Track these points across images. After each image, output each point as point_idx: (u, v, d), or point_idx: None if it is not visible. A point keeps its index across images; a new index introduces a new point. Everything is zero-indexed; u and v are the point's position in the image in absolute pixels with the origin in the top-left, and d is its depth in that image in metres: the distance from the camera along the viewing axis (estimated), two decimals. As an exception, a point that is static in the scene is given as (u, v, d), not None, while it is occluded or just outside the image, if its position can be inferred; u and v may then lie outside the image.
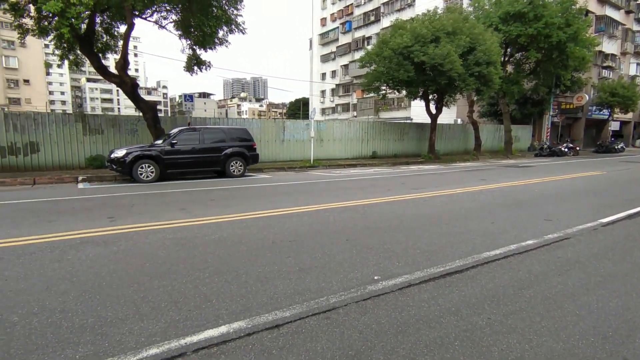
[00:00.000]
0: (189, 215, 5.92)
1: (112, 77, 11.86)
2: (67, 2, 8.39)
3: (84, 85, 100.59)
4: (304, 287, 3.15)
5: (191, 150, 11.38)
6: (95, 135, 13.69)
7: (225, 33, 12.30)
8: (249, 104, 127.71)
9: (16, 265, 3.59)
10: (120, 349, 2.22)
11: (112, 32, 12.98)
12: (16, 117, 12.59)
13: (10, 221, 5.48)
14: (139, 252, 4.03)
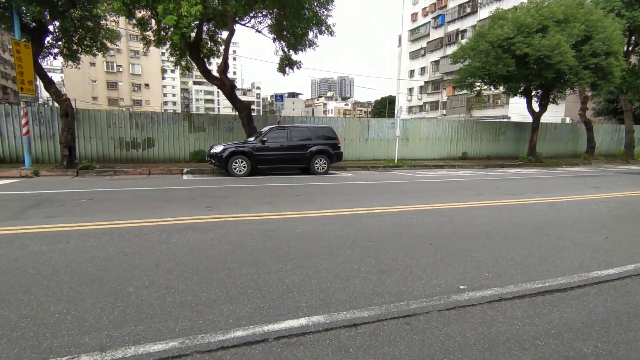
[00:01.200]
0: (275, 209, 6.24)
1: (214, 79, 13.07)
2: (180, 15, 9.47)
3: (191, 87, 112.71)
4: (383, 289, 3.10)
5: (279, 147, 11.98)
6: (198, 132, 15.26)
7: (314, 35, 12.68)
8: (335, 103, 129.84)
9: (134, 243, 4.18)
10: (212, 327, 2.44)
11: (216, 38, 14.31)
12: (138, 116, 14.66)
13: (130, 206, 6.41)
14: (231, 240, 4.38)
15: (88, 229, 4.71)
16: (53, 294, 2.86)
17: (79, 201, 6.62)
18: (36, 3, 10.29)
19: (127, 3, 9.81)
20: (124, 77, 65.23)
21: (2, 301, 2.72)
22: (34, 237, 4.29)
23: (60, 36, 12.62)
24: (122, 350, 2.15)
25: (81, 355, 2.09)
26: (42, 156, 13.16)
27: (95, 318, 2.52)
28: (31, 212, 5.63)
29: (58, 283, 3.06)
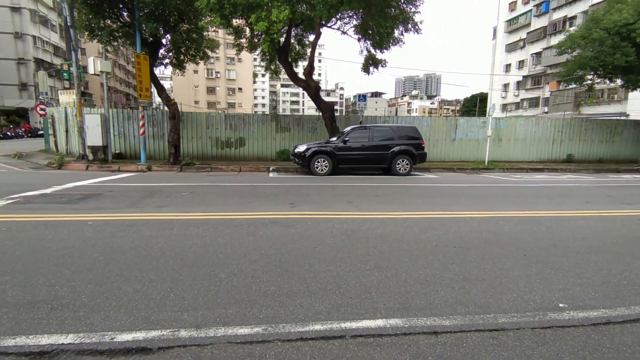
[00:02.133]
0: (355, 209, 6.28)
1: (300, 82, 13.60)
2: (270, 21, 10.05)
3: (279, 90, 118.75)
4: (468, 299, 2.92)
5: (361, 147, 11.99)
6: (284, 133, 16.03)
7: (400, 33, 12.40)
8: (420, 102, 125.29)
9: (225, 234, 4.57)
10: (292, 318, 2.55)
11: (303, 42, 14.87)
12: (232, 118, 15.94)
13: (223, 199, 7.01)
14: (312, 237, 4.52)
15: (189, 218, 5.28)
16: (160, 273, 3.28)
17: (182, 194, 7.45)
18: (153, 20, 11.83)
19: (225, 15, 10.73)
20: (221, 82, 71.44)
21: (122, 276, 3.20)
22: (147, 224, 4.95)
23: (170, 48, 14.32)
24: (214, 329, 2.38)
25: (181, 330, 2.36)
26: (153, 153, 15.09)
27: (193, 298, 2.82)
28: (145, 202, 6.51)
29: (164, 264, 3.50)
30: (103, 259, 3.60)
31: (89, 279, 3.12)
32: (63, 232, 4.45)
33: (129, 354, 2.11)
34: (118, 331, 2.33)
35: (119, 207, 5.99)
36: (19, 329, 2.33)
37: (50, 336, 2.25)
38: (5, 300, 2.70)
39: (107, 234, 4.43)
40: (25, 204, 6.08)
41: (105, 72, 12.55)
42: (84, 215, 5.32)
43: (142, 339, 2.25)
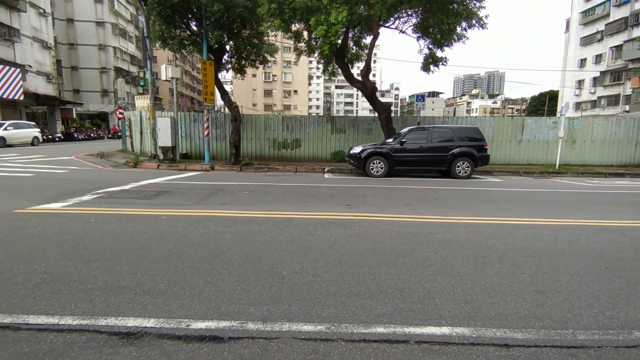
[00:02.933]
0: (413, 212, 6.13)
1: (356, 83, 13.58)
2: (329, 24, 10.17)
3: (333, 91, 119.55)
4: (542, 312, 2.73)
5: (418, 148, 11.68)
6: (339, 134, 16.11)
7: (463, 29, 11.89)
8: (480, 101, 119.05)
9: (285, 232, 4.71)
10: (354, 319, 2.57)
11: (361, 43, 14.85)
12: (288, 119, 16.36)
13: (282, 199, 7.22)
14: (370, 239, 4.50)
15: (251, 216, 5.52)
16: (227, 267, 3.47)
17: (243, 192, 7.80)
18: (219, 28, 12.53)
19: (285, 19, 11.06)
20: (277, 85, 73.65)
21: (194, 268, 3.43)
22: (213, 220, 5.25)
23: (233, 54, 15.07)
24: (279, 324, 2.47)
25: (248, 322, 2.48)
26: (216, 154, 15.96)
27: (258, 293, 2.95)
28: (211, 199, 6.91)
29: (230, 259, 3.69)
30: (176, 251, 3.88)
31: (165, 269, 3.39)
32: (141, 225, 4.87)
33: (202, 341, 2.26)
34: (193, 319, 2.50)
35: (187, 204, 6.42)
36: (109, 311, 2.59)
37: (135, 319, 2.48)
38: (97, 285, 3.02)
39: (179, 228, 4.77)
40: (108, 198, 6.75)
41: (175, 78, 13.53)
42: (158, 210, 5.78)
43: (214, 328, 2.39)
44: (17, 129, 22.19)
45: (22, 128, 22.81)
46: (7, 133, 21.32)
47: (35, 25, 31.92)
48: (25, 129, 23.03)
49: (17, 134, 22.07)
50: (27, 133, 22.90)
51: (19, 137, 22.19)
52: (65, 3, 42.78)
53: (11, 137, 21.56)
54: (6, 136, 21.20)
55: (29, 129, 23.32)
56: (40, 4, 32.83)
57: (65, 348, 2.15)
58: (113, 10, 45.33)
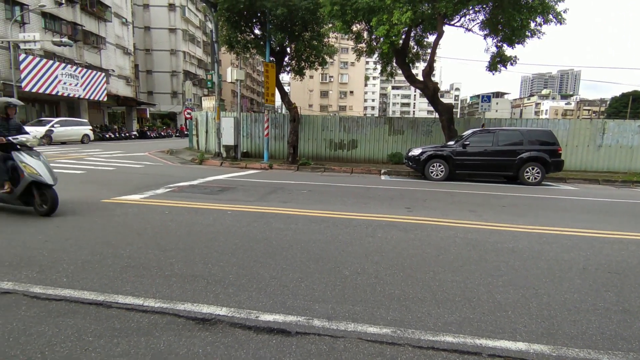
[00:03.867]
0: (479, 218, 5.83)
1: (418, 83, 13.24)
2: (390, 24, 10.02)
3: (389, 92, 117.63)
4: (630, 334, 2.46)
5: (482, 152, 11.08)
6: (397, 135, 15.81)
7: (537, 25, 11.05)
8: (551, 102, 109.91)
9: (345, 233, 4.72)
10: (420, 325, 2.50)
11: (423, 42, 14.44)
12: (346, 120, 16.39)
13: (340, 199, 7.25)
14: (433, 244, 4.36)
15: (311, 215, 5.61)
16: (290, 263, 3.55)
17: (302, 191, 7.95)
18: (281, 31, 12.91)
19: (347, 20, 11.10)
20: (333, 86, 74.10)
21: (259, 262, 3.56)
22: (274, 217, 5.42)
23: (293, 56, 15.43)
24: (344, 323, 2.47)
25: (314, 319, 2.52)
26: (274, 153, 16.46)
27: (322, 291, 2.98)
28: (271, 197, 7.14)
29: (293, 256, 3.78)
30: (242, 245, 4.06)
31: (233, 261, 3.56)
32: (209, 219, 5.17)
33: (271, 333, 2.34)
34: (261, 311, 2.60)
35: (250, 200, 6.69)
36: (185, 297, 2.78)
37: (208, 307, 2.64)
38: (174, 272, 3.25)
39: (244, 223, 4.99)
40: (179, 192, 7.25)
41: (239, 80, 14.18)
42: (224, 205, 6.09)
43: (281, 322, 2.46)
44: (64, 127, 21.71)
45: (71, 126, 22.44)
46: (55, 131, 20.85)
47: (118, 34, 35.27)
48: (75, 127, 22.70)
49: (65, 131, 21.70)
50: (76, 131, 22.63)
51: (67, 134, 21.87)
52: (144, 12, 46.75)
53: (57, 135, 21.09)
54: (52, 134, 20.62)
55: (79, 127, 23.02)
56: (123, 14, 36.22)
57: (149, 328, 2.35)
58: (184, 17, 48.64)
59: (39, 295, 2.73)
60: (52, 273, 3.12)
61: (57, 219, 4.93)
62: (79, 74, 26.85)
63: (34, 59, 23.13)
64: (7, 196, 5.07)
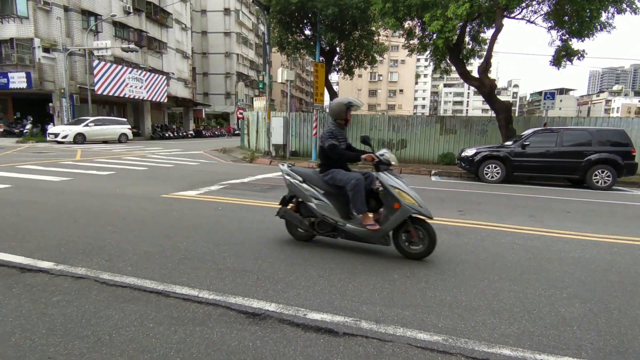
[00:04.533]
0: (539, 224, 5.44)
1: (472, 80, 12.65)
2: (445, 19, 9.66)
3: (441, 90, 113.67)
4: None
5: (544, 153, 10.33)
6: (448, 135, 15.22)
7: (610, 15, 10.08)
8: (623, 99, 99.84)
9: (394, 234, 4.62)
10: (474, 335, 2.38)
11: (478, 38, 13.77)
12: (395, 119, 16.08)
13: (388, 200, 7.12)
14: (487, 250, 4.13)
15: (358, 215, 5.57)
16: (338, 263, 3.55)
17: (349, 191, 7.92)
18: (331, 30, 12.97)
19: (399, 17, 10.88)
20: (382, 84, 73.10)
21: (307, 261, 3.60)
22: (322, 216, 5.45)
23: (343, 55, 15.43)
24: (392, 327, 2.42)
25: (362, 321, 2.49)
26: (322, 152, 16.54)
27: (369, 292, 2.95)
28: (318, 196, 7.19)
29: (340, 255, 3.77)
30: (290, 242, 4.13)
31: (282, 258, 3.64)
32: (259, 216, 5.32)
33: (319, 332, 2.35)
34: (309, 309, 2.62)
35: (298, 199, 6.79)
36: (237, 291, 2.88)
37: (258, 302, 2.71)
38: (226, 266, 3.39)
39: (292, 221, 5.07)
40: (231, 189, 7.55)
41: (289, 80, 14.46)
42: (273, 203, 6.22)
43: (329, 322, 2.47)
44: (100, 126, 21.65)
45: (107, 124, 22.39)
46: (88, 129, 20.74)
47: (178, 39, 37.50)
48: (111, 126, 22.65)
49: (101, 130, 21.66)
50: (113, 130, 22.58)
51: (103, 133, 21.85)
52: (201, 17, 49.27)
53: (92, 134, 20.99)
54: (86, 132, 20.58)
55: (116, 126, 23.00)
56: (183, 20, 38.45)
57: (204, 318, 2.46)
58: (238, 20, 50.55)
59: (107, 281, 2.97)
60: (118, 262, 3.39)
61: (123, 212, 5.34)
62: (143, 77, 28.92)
63: (105, 65, 25.28)
64: (369, 234, 3.72)
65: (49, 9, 23.61)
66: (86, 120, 21.06)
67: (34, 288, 2.82)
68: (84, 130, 20.47)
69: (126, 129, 23.45)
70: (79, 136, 20.12)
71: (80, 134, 20.18)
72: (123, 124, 23.63)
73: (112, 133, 22.44)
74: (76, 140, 19.75)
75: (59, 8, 24.11)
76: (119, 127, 23.02)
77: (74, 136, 19.84)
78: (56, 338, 2.19)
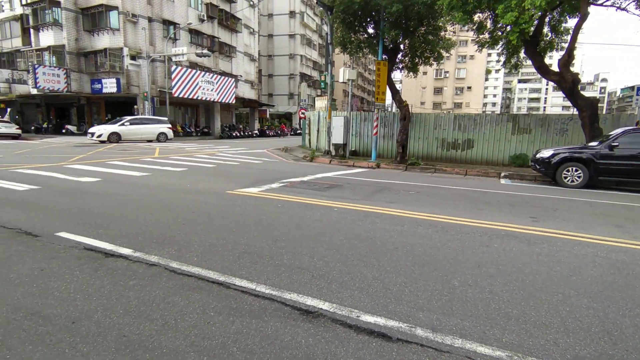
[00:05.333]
0: (628, 236, 4.81)
1: (551, 75, 11.55)
2: (521, 10, 8.92)
3: (515, 86, 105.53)
4: None
5: (636, 155, 9.09)
6: (522, 135, 14.08)
7: None
8: None
9: (455, 239, 4.39)
10: (544, 354, 2.17)
11: (559, 28, 12.51)
12: (461, 118, 15.27)
13: (451, 203, 6.79)
14: (564, 262, 3.75)
15: (417, 217, 5.39)
16: (395, 266, 3.47)
17: (409, 192, 7.70)
18: (395, 28, 12.68)
19: (468, 10, 10.29)
20: (449, 82, 69.88)
21: (362, 262, 3.56)
22: (380, 217, 5.36)
23: (407, 52, 15.01)
24: (450, 338, 2.30)
25: (417, 328, 2.40)
26: (382, 152, 16.29)
27: (427, 299, 2.83)
28: (377, 196, 7.09)
29: (397, 258, 3.68)
30: (346, 242, 4.12)
31: (337, 257, 3.64)
32: (317, 214, 5.39)
33: (372, 335, 2.31)
34: (362, 311, 2.59)
35: (356, 199, 6.75)
36: (292, 287, 2.94)
37: (312, 299, 2.74)
38: (283, 262, 3.48)
39: (349, 221, 5.06)
40: (291, 187, 7.74)
41: (351, 79, 14.43)
42: (331, 202, 6.27)
43: (382, 326, 2.42)
44: (137, 125, 22.20)
45: (145, 124, 22.78)
46: (123, 129, 21.46)
47: (246, 43, 39.38)
48: (149, 125, 22.89)
49: (137, 129, 22.12)
50: (149, 129, 22.79)
51: (140, 132, 22.24)
52: (268, 21, 51.22)
53: (127, 133, 21.62)
54: (120, 132, 21.32)
55: (154, 125, 23.14)
56: (251, 24, 40.30)
57: (259, 312, 2.55)
58: (303, 22, 51.67)
59: (175, 269, 3.21)
60: (186, 252, 3.65)
61: (192, 206, 5.74)
62: (214, 80, 30.83)
63: (182, 69, 27.39)
64: None
65: (136, 20, 26.20)
66: (123, 119, 21.91)
67: (115, 272, 3.14)
68: (118, 129, 21.34)
69: (165, 127, 23.51)
70: (113, 135, 21.01)
71: (114, 133, 21.07)
72: (163, 123, 23.69)
73: (149, 132, 22.76)
74: (110, 139, 20.75)
75: (144, 19, 26.65)
76: (157, 126, 23.23)
77: (108, 135, 20.91)
78: (130, 318, 2.42)
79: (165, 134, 23.33)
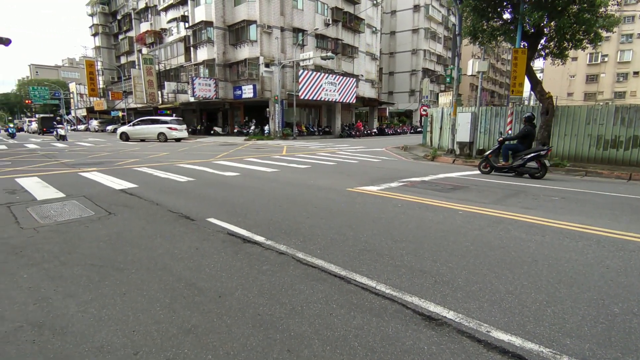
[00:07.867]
0: None
1: None
2: None
3: None
4: None
5: None
6: None
7: None
8: None
9: (616, 257, 3.62)
10: None
11: None
12: (626, 111, 12.51)
13: (609, 213, 5.62)
14: None
15: (563, 227, 4.62)
16: (533, 282, 3.04)
17: (552, 198, 6.66)
18: (538, 9, 11.10)
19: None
20: (607, 67, 58.05)
21: (493, 272, 3.23)
22: (514, 224, 4.78)
23: (552, 36, 12.99)
24: (610, 375, 1.91)
25: (563, 356, 2.06)
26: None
27: (576, 324, 2.40)
28: (510, 201, 6.34)
29: (537, 273, 3.22)
30: (474, 249, 3.79)
31: (462, 265, 3.38)
32: (439, 217, 5.10)
33: (505, 355, 2.07)
34: (493, 327, 2.35)
35: (484, 202, 6.16)
36: (413, 290, 2.85)
37: (435, 306, 2.60)
38: (403, 263, 3.40)
39: (476, 226, 4.65)
40: (411, 187, 7.51)
41: (481, 72, 13.22)
42: (455, 204, 5.87)
43: (519, 347, 2.15)
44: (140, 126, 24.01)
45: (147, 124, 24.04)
46: (130, 129, 23.92)
47: (368, 42, 39.71)
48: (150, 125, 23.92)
49: (140, 129, 23.86)
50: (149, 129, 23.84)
51: (142, 132, 23.85)
52: (391, 18, 50.69)
53: (133, 133, 23.76)
54: (128, 131, 23.74)
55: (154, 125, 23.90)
56: (374, 23, 40.45)
57: (379, 311, 2.54)
58: (428, 15, 49.56)
59: (301, 259, 3.44)
60: (310, 244, 3.87)
61: (315, 201, 6.07)
62: (336, 81, 31.99)
63: (308, 73, 29.19)
64: None
65: (270, 31, 28.96)
66: (133, 121, 24.77)
67: (251, 256, 3.53)
68: (127, 129, 24.11)
69: (165, 128, 23.67)
70: (123, 134, 23.95)
71: (124, 133, 23.97)
72: (162, 123, 24.10)
73: (149, 132, 23.81)
74: (121, 137, 23.97)
75: (277, 29, 29.29)
76: (157, 126, 23.83)
77: (119, 134, 24.28)
78: (264, 299, 2.69)
79: (164, 133, 23.54)
